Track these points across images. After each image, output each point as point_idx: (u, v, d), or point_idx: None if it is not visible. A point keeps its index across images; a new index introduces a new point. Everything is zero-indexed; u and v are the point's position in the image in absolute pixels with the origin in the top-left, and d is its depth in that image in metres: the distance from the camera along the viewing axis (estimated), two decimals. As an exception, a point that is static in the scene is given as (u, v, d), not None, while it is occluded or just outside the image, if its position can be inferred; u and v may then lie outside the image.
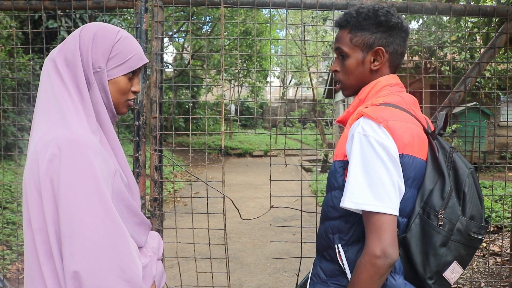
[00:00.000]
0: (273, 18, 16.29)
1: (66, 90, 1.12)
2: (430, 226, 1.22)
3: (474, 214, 1.24)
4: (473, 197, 1.26)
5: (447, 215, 1.22)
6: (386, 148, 1.19)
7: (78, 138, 1.05)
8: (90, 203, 1.02)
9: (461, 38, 8.74)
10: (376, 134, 1.21)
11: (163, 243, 1.53)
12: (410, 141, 1.24)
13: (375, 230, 1.16)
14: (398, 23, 1.38)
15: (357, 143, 1.23)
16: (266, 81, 19.32)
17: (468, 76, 2.49)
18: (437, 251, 1.21)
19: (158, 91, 2.42)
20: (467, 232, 1.23)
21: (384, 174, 1.18)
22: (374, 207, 1.17)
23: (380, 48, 1.38)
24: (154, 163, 2.44)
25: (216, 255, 4.56)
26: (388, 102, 1.32)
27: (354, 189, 1.20)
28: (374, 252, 1.15)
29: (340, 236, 1.31)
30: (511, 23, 2.43)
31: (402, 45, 1.41)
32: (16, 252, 4.24)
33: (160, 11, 2.41)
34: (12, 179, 6.32)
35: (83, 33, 1.19)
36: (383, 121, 1.22)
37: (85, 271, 0.99)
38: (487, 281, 3.77)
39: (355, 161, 1.22)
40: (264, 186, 9.72)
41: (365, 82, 1.42)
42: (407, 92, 1.46)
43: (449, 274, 1.24)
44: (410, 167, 1.24)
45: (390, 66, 1.42)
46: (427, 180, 1.26)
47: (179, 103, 17.44)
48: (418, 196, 1.26)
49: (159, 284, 1.33)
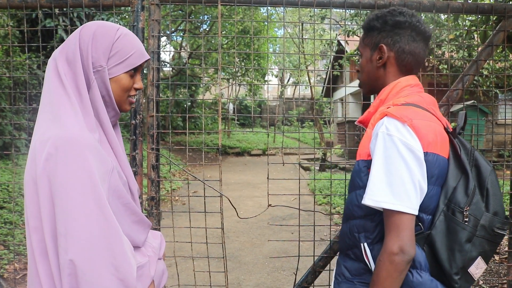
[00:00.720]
0: (271, 17, 16.29)
1: (64, 90, 1.13)
2: (455, 223, 1.25)
3: (497, 210, 1.28)
4: (496, 194, 1.30)
5: (472, 211, 1.25)
6: (410, 147, 1.22)
7: (73, 136, 1.06)
8: (84, 201, 1.03)
9: (459, 36, 8.73)
10: (400, 134, 1.24)
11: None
12: (434, 139, 1.27)
13: (393, 228, 1.20)
14: (405, 22, 1.42)
15: (380, 142, 1.26)
16: (264, 79, 19.31)
17: (466, 74, 2.49)
18: (463, 247, 1.24)
19: (155, 89, 2.41)
20: (491, 227, 1.27)
21: (405, 174, 1.21)
22: (393, 205, 1.20)
23: (382, 45, 1.43)
24: (151, 162, 2.43)
25: (214, 254, 4.56)
26: (410, 102, 1.35)
27: (375, 187, 1.23)
28: (391, 249, 1.19)
29: (366, 235, 1.34)
30: (508, 20, 2.43)
31: (412, 44, 1.43)
32: (14, 252, 4.22)
33: (156, 9, 2.40)
34: (9, 179, 6.30)
35: (82, 32, 1.19)
36: (407, 120, 1.25)
37: (80, 261, 1.01)
38: (485, 279, 3.77)
39: (377, 160, 1.25)
40: (262, 185, 9.72)
41: (376, 79, 1.48)
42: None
43: (474, 269, 1.27)
44: (434, 164, 1.26)
45: (399, 64, 1.45)
46: (450, 177, 1.29)
47: (177, 102, 17.42)
48: (441, 193, 1.29)
49: (159, 283, 1.33)
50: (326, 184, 8.74)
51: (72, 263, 1.00)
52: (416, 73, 1.49)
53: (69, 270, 1.01)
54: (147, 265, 1.23)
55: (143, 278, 1.19)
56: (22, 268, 4.13)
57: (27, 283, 1.14)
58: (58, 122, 1.09)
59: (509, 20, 2.43)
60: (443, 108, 2.50)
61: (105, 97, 1.21)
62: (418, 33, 1.44)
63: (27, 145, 7.71)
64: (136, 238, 1.24)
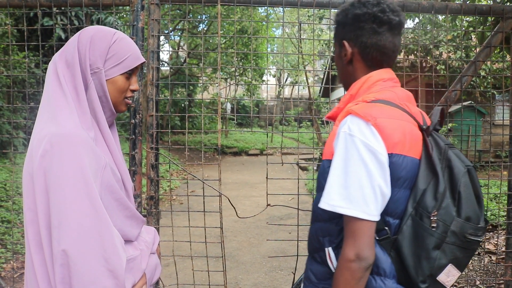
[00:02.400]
0: (270, 17, 16.29)
1: (62, 91, 1.20)
2: (422, 228, 1.17)
3: (470, 215, 1.18)
4: (469, 198, 1.19)
5: (440, 216, 1.16)
6: (372, 149, 1.15)
7: (68, 134, 1.12)
8: (77, 195, 1.08)
9: (457, 37, 8.76)
10: (362, 135, 1.17)
11: (160, 240, 1.55)
12: (401, 139, 1.19)
13: (350, 234, 1.15)
14: (365, 14, 1.32)
15: (341, 142, 1.19)
16: (262, 79, 19.31)
17: (464, 75, 2.50)
18: (429, 254, 1.16)
19: (155, 89, 2.41)
20: (463, 234, 1.17)
21: (364, 178, 1.14)
22: (348, 210, 1.14)
23: (343, 41, 1.37)
24: (150, 161, 2.43)
25: (212, 253, 4.56)
26: (380, 98, 1.27)
27: (331, 190, 1.17)
28: (348, 256, 1.13)
29: (330, 239, 1.28)
30: (506, 22, 2.44)
31: (374, 37, 1.32)
32: (11, 251, 4.22)
33: (156, 9, 2.40)
34: (7, 177, 6.29)
35: (81, 36, 1.26)
36: (371, 119, 1.18)
37: (71, 251, 1.06)
38: (482, 279, 3.79)
39: (337, 162, 1.19)
40: (260, 184, 9.72)
41: (348, 76, 1.40)
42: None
43: (444, 277, 1.19)
44: (400, 166, 1.19)
45: (364, 59, 1.36)
46: (420, 179, 1.20)
47: (175, 102, 17.40)
48: (410, 196, 1.21)
49: (152, 277, 1.37)
50: (324, 184, 8.72)
51: (64, 253, 1.05)
52: (390, 65, 1.39)
53: (61, 261, 1.06)
54: (139, 258, 1.28)
55: (134, 271, 1.23)
56: (19, 267, 4.13)
57: (24, 282, 1.17)
58: (55, 121, 1.15)
59: (507, 22, 2.44)
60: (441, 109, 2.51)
61: (102, 98, 1.27)
62: (381, 24, 1.31)
63: (24, 144, 7.70)
64: (129, 232, 1.29)
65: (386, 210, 1.20)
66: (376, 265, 1.20)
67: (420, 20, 9.46)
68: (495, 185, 7.28)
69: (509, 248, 2.56)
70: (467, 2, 3.89)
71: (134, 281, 1.22)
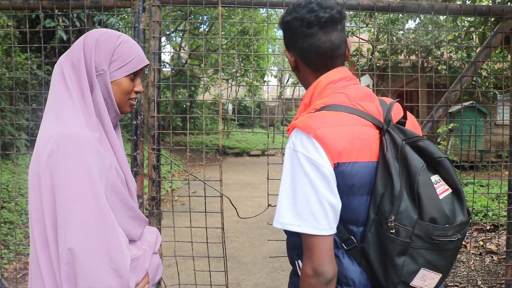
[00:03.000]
0: (271, 18, 16.30)
1: (68, 92, 1.22)
2: (383, 235, 1.11)
3: (434, 216, 1.08)
4: (431, 197, 1.09)
5: (398, 221, 1.08)
6: (315, 163, 1.11)
7: (74, 134, 1.14)
8: (83, 195, 1.10)
9: (458, 37, 8.76)
10: (304, 149, 1.13)
11: (161, 241, 1.56)
12: (347, 146, 1.13)
13: (306, 250, 1.13)
14: (293, 19, 1.27)
15: (287, 158, 1.17)
16: (264, 80, 19.32)
17: (464, 75, 2.51)
18: (394, 261, 1.10)
19: (156, 90, 2.43)
20: (429, 236, 1.08)
21: (310, 193, 1.11)
22: (298, 227, 1.11)
23: (285, 50, 1.35)
24: (152, 162, 2.44)
25: (214, 254, 4.57)
26: (329, 103, 1.22)
27: (281, 208, 1.14)
28: (306, 272, 1.11)
29: (297, 252, 1.25)
30: (506, 22, 2.45)
31: (306, 40, 1.26)
32: (14, 252, 4.24)
33: (157, 11, 2.42)
34: (9, 179, 6.31)
35: (87, 39, 1.29)
36: (311, 131, 1.13)
37: (77, 250, 1.07)
38: (483, 279, 3.79)
39: (284, 179, 1.16)
40: (262, 185, 9.72)
41: (305, 82, 1.36)
42: (357, 86, 1.31)
43: (420, 282, 1.12)
44: (350, 174, 1.13)
45: (307, 64, 1.31)
46: (379, 183, 1.14)
47: (176, 103, 17.42)
48: (371, 202, 1.15)
49: (154, 276, 1.39)
50: (325, 184, 8.72)
51: (70, 252, 1.07)
52: (339, 64, 1.31)
53: (66, 259, 1.07)
54: (142, 258, 1.29)
55: (137, 270, 1.25)
56: (22, 268, 4.15)
57: (28, 281, 1.19)
58: (61, 121, 1.17)
59: (507, 22, 2.45)
60: (442, 109, 2.52)
61: (107, 99, 1.29)
62: (309, 25, 1.25)
63: (27, 145, 7.72)
64: (132, 232, 1.31)
65: (347, 219, 1.17)
66: (345, 276, 1.17)
67: (421, 20, 9.46)
68: (497, 185, 7.28)
69: (509, 248, 2.57)
70: (467, 2, 3.90)
71: (137, 280, 1.24)
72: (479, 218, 5.45)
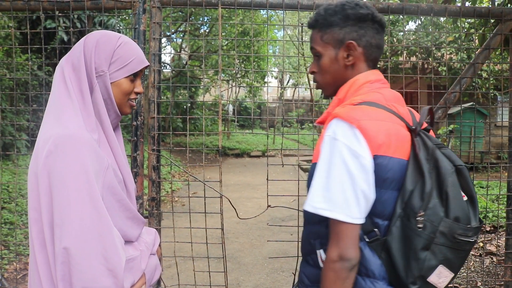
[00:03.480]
0: (271, 19, 16.32)
1: (68, 93, 1.23)
2: (410, 229, 1.17)
3: (458, 216, 1.16)
4: (457, 198, 1.17)
5: (427, 216, 1.15)
6: (355, 153, 1.16)
7: (71, 135, 1.15)
8: (79, 195, 1.11)
9: (458, 39, 8.76)
10: (346, 138, 1.17)
11: (161, 242, 1.57)
12: (385, 141, 1.19)
13: (334, 235, 1.16)
14: (368, 14, 1.32)
15: (326, 146, 1.21)
16: (264, 81, 19.33)
17: (463, 76, 2.51)
18: (418, 255, 1.16)
19: (156, 91, 2.44)
20: (452, 234, 1.15)
21: (346, 182, 1.15)
22: (330, 213, 1.15)
23: (351, 42, 1.32)
24: (152, 163, 2.45)
25: (214, 255, 4.57)
26: (367, 100, 1.27)
27: (315, 193, 1.19)
28: (331, 257, 1.15)
29: (321, 241, 1.28)
30: (505, 24, 2.46)
31: (377, 37, 1.35)
32: (14, 252, 4.24)
33: (158, 12, 2.43)
34: (9, 179, 6.31)
35: (87, 40, 1.30)
36: (355, 122, 1.18)
37: (72, 249, 1.08)
38: (483, 280, 3.79)
39: (321, 165, 1.20)
40: (261, 186, 9.73)
41: (343, 79, 1.37)
42: (389, 89, 1.39)
43: (436, 278, 1.18)
44: (386, 168, 1.19)
45: (367, 60, 1.36)
46: (408, 180, 1.20)
47: (177, 104, 17.44)
48: (398, 197, 1.21)
49: (151, 277, 1.39)
50: (326, 185, 8.72)
51: (65, 251, 1.08)
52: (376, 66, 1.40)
53: (62, 259, 1.08)
54: (138, 259, 1.30)
55: (133, 271, 1.25)
56: (22, 268, 4.15)
57: (28, 281, 1.20)
58: (59, 122, 1.18)
59: (506, 24, 2.46)
60: (441, 110, 2.53)
61: (107, 100, 1.30)
62: (380, 25, 1.35)
63: (27, 146, 7.73)
64: (129, 233, 1.31)
65: (374, 211, 1.21)
66: (365, 266, 1.21)
67: (422, 22, 9.47)
68: (497, 186, 7.28)
69: (508, 249, 2.57)
70: (467, 4, 3.90)
71: (133, 281, 1.24)
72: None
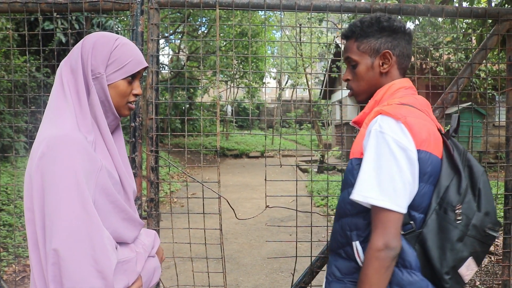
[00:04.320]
0: (269, 20, 16.33)
1: (64, 96, 1.24)
2: (447, 221, 1.25)
3: (489, 210, 1.28)
4: (488, 194, 1.30)
5: (464, 210, 1.25)
6: (402, 146, 1.24)
7: (63, 135, 1.15)
8: (68, 197, 1.11)
9: (456, 39, 8.78)
10: (393, 132, 1.26)
11: (160, 243, 1.56)
12: (427, 137, 1.29)
13: (380, 224, 1.22)
14: (401, 27, 1.46)
15: (373, 139, 1.28)
16: (262, 82, 19.33)
17: (460, 77, 2.52)
18: (454, 245, 1.24)
19: (154, 92, 2.44)
20: (483, 227, 1.27)
21: (395, 172, 1.23)
22: (381, 202, 1.22)
23: (387, 51, 1.44)
24: (151, 164, 2.45)
25: (213, 255, 4.58)
26: (404, 102, 1.37)
27: (364, 183, 1.25)
28: (377, 246, 1.21)
29: (357, 233, 1.34)
30: (502, 24, 2.46)
31: (407, 47, 1.48)
32: (13, 254, 4.24)
33: (155, 13, 2.43)
34: (8, 181, 6.31)
35: (85, 42, 1.30)
36: (401, 117, 1.27)
37: (61, 250, 1.09)
38: (482, 279, 3.80)
39: (368, 157, 1.27)
40: (260, 187, 9.73)
41: (377, 86, 1.48)
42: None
43: (465, 270, 1.27)
44: (427, 162, 1.27)
45: (399, 68, 1.48)
46: (443, 176, 1.29)
47: (175, 105, 17.43)
48: (434, 192, 1.29)
49: (149, 280, 1.38)
50: (324, 185, 8.77)
51: (55, 252, 1.09)
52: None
53: (52, 260, 1.09)
54: (134, 261, 1.28)
55: (128, 273, 1.24)
56: (21, 270, 4.15)
57: (27, 283, 1.22)
58: (54, 124, 1.19)
59: (503, 24, 2.47)
60: (438, 110, 2.53)
61: (104, 102, 1.30)
62: (410, 36, 1.49)
63: (26, 148, 7.72)
64: (124, 235, 1.30)
65: (412, 204, 1.28)
66: (402, 258, 1.27)
67: (420, 22, 9.49)
68: (495, 186, 7.29)
69: (506, 248, 2.58)
70: (465, 4, 3.91)
71: (127, 283, 1.23)
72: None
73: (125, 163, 1.41)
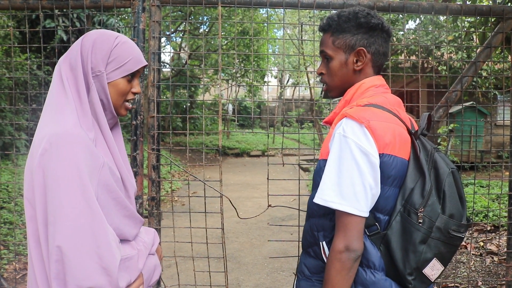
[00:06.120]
0: (271, 18, 16.30)
1: (64, 93, 1.24)
2: (410, 224, 1.26)
3: (453, 213, 1.28)
4: (453, 196, 1.29)
5: (426, 213, 1.26)
6: (364, 150, 1.24)
7: (65, 132, 1.15)
8: (72, 193, 1.11)
9: (458, 38, 8.75)
10: (356, 136, 1.25)
11: (161, 241, 1.56)
12: (391, 140, 1.28)
13: (341, 227, 1.24)
14: (379, 24, 1.42)
15: (336, 143, 1.28)
16: (264, 80, 19.31)
17: (465, 75, 2.50)
18: (416, 247, 1.25)
19: (156, 90, 2.42)
20: (447, 229, 1.27)
21: (356, 176, 1.23)
22: (340, 206, 1.23)
23: (362, 49, 1.42)
24: (152, 162, 2.44)
25: (214, 254, 4.56)
26: (373, 102, 1.35)
27: (325, 187, 1.26)
28: (338, 248, 1.23)
29: (324, 233, 1.36)
30: (506, 22, 2.44)
31: (384, 45, 1.45)
32: (14, 252, 4.23)
33: (157, 11, 2.41)
34: (9, 179, 6.30)
35: (84, 40, 1.30)
36: (365, 121, 1.26)
37: (66, 247, 1.08)
38: (484, 280, 3.78)
39: (331, 161, 1.28)
40: (261, 185, 9.72)
41: (350, 83, 1.46)
42: (392, 93, 1.49)
43: (429, 271, 1.28)
44: (390, 166, 1.28)
45: (373, 66, 1.46)
46: (409, 179, 1.30)
47: (176, 103, 17.43)
48: (399, 194, 1.30)
49: (149, 277, 1.38)
50: (326, 185, 8.71)
51: (58, 249, 1.08)
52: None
53: (56, 257, 1.08)
54: (135, 258, 1.29)
55: (130, 270, 1.24)
56: (22, 268, 4.14)
57: (27, 281, 1.20)
58: (55, 121, 1.19)
59: (507, 22, 2.45)
60: (442, 109, 2.51)
61: (104, 100, 1.30)
62: (388, 34, 1.46)
63: (27, 146, 7.72)
64: (126, 232, 1.31)
65: (376, 207, 1.30)
66: (366, 258, 1.29)
67: (422, 20, 9.46)
68: (497, 186, 7.27)
69: (510, 249, 2.56)
70: (467, 2, 3.89)
71: (129, 280, 1.23)
72: (480, 219, 5.44)
73: (125, 160, 1.41)
